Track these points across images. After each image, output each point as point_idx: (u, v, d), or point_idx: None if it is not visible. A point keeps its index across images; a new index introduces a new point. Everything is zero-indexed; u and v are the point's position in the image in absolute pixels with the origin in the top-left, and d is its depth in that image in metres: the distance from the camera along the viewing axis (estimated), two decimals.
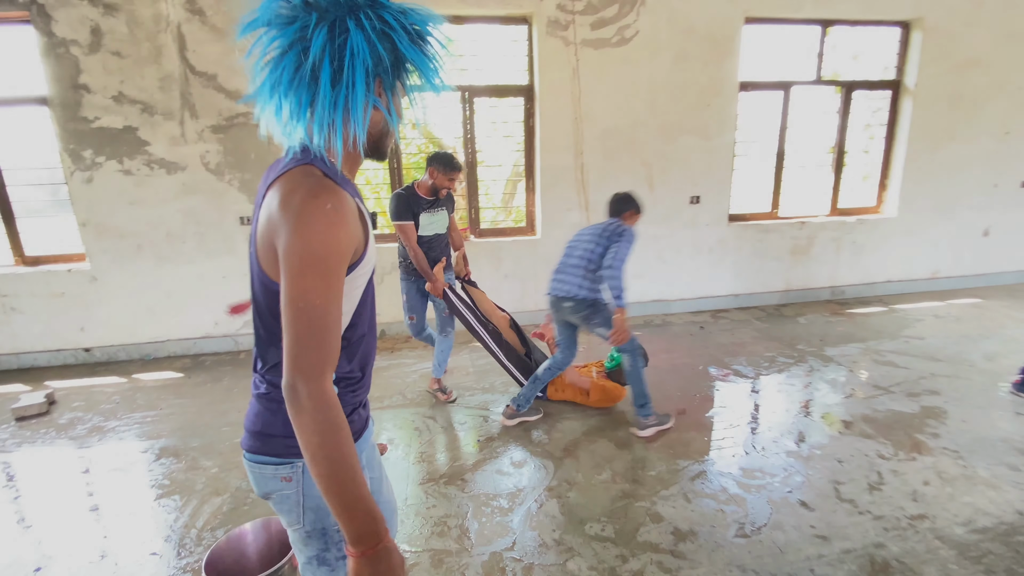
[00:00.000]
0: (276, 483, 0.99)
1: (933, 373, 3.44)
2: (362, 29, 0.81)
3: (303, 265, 0.80)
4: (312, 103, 0.84)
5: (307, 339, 0.81)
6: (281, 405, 0.92)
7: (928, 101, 4.83)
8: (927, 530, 2.05)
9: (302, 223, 0.80)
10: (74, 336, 4.10)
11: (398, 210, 2.89)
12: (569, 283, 2.81)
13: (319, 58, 0.81)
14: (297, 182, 0.85)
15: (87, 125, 3.75)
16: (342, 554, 1.02)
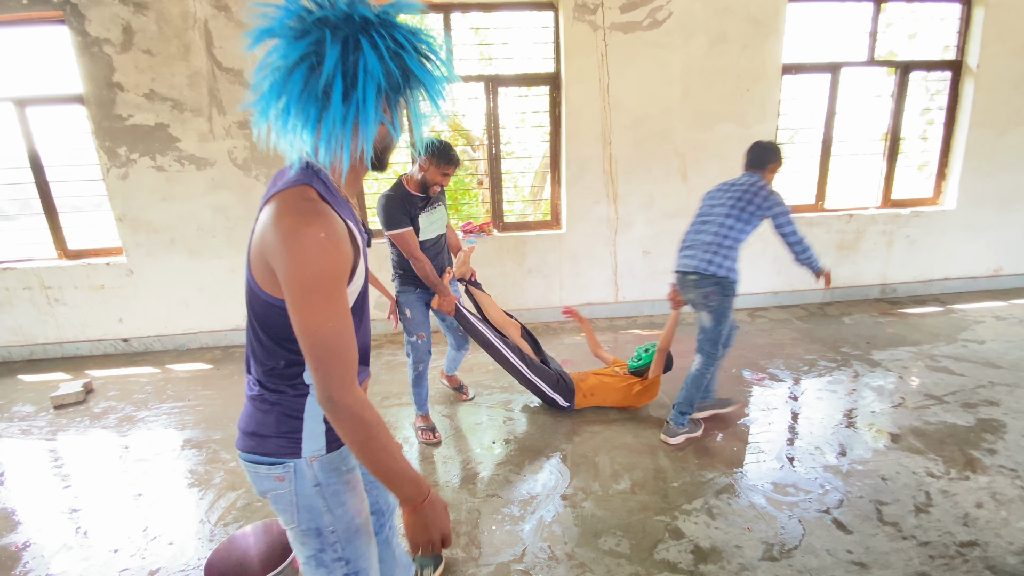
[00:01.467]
0: (271, 482, 1.03)
1: (992, 381, 3.15)
2: (375, 48, 0.83)
3: (306, 294, 0.85)
4: (320, 118, 0.85)
5: (329, 359, 0.87)
6: (273, 406, 1.01)
7: (992, 83, 4.41)
8: (977, 559, 1.85)
9: (298, 253, 0.84)
10: (113, 327, 4.25)
11: (392, 217, 2.42)
12: (700, 258, 2.53)
13: (332, 75, 0.82)
14: (291, 206, 0.87)
15: (121, 123, 3.85)
16: (337, 555, 1.06)
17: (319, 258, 0.85)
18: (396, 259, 2.65)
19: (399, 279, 2.69)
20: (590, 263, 4.53)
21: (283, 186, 0.91)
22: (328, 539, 1.05)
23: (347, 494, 1.07)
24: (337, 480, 1.06)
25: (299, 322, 0.87)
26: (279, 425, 1.00)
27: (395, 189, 2.51)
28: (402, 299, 2.69)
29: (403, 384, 3.49)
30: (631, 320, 4.59)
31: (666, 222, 4.48)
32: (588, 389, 2.98)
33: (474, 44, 4.52)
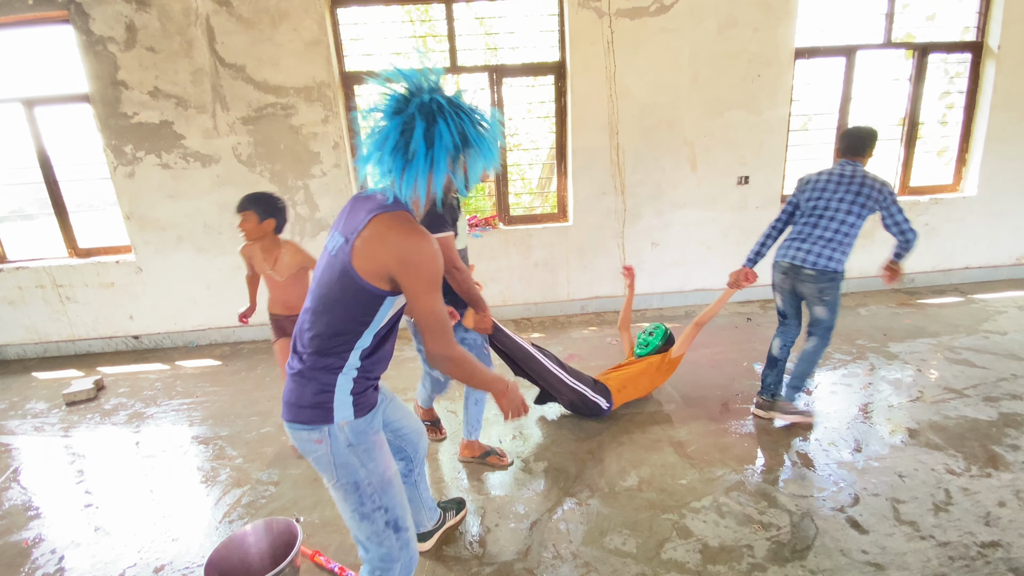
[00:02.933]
0: (311, 445, 1.26)
1: (1015, 374, 3.04)
2: (448, 126, 1.14)
3: (431, 288, 1.18)
4: (404, 169, 1.16)
5: (443, 330, 1.22)
6: (310, 381, 1.24)
7: (1014, 64, 4.24)
8: (999, 560, 1.78)
9: (425, 260, 1.16)
10: (124, 324, 4.29)
11: (438, 216, 1.95)
12: (818, 254, 2.47)
13: (418, 140, 1.13)
14: (412, 225, 1.18)
15: (127, 121, 3.85)
16: (376, 505, 1.30)
17: (435, 263, 1.18)
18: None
19: None
20: (597, 255, 4.47)
21: (388, 208, 1.19)
22: (366, 491, 1.28)
23: (376, 451, 1.30)
24: (367, 440, 1.28)
25: (425, 307, 1.19)
26: (314, 397, 1.23)
27: None
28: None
29: (408, 379, 3.47)
30: (640, 313, 4.52)
31: (675, 212, 4.39)
32: (618, 385, 2.82)
33: (479, 34, 4.46)
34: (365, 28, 4.06)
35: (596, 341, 3.97)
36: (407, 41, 5.53)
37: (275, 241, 2.48)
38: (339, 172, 4.07)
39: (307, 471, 2.53)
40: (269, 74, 3.83)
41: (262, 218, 2.38)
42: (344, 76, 4.04)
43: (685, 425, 2.72)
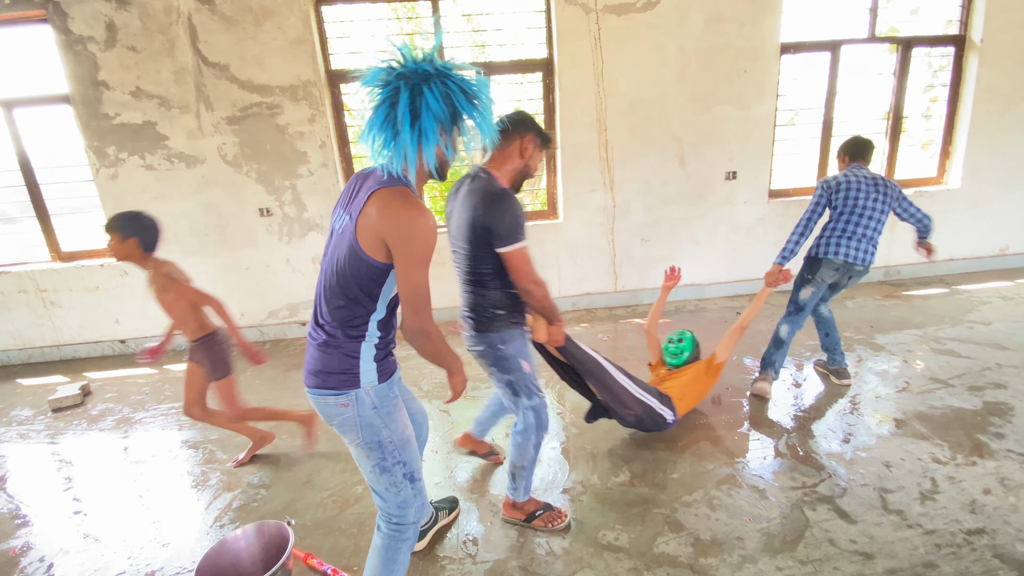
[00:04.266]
0: (337, 409, 1.35)
1: (999, 363, 3.09)
2: (432, 92, 1.19)
3: (419, 262, 1.24)
4: (395, 140, 1.22)
5: (425, 305, 1.28)
6: (336, 350, 1.33)
7: (997, 57, 4.30)
8: (985, 547, 1.81)
9: (418, 234, 1.21)
10: (110, 328, 4.24)
11: (521, 224, 1.67)
12: (865, 251, 2.74)
13: (403, 111, 1.19)
14: (409, 200, 1.23)
15: (108, 122, 3.80)
16: (396, 460, 1.41)
17: (428, 238, 1.23)
18: (498, 291, 1.80)
19: (494, 321, 1.83)
20: (588, 252, 4.47)
21: (386, 184, 1.24)
22: (387, 448, 1.39)
23: (397, 413, 1.42)
24: (389, 403, 1.40)
25: (409, 280, 1.24)
26: (341, 364, 1.33)
27: (496, 184, 1.73)
28: (511, 349, 1.86)
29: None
30: (631, 309, 4.54)
31: (664, 208, 4.41)
32: (678, 394, 2.59)
33: (466, 31, 4.43)
34: (351, 26, 4.02)
35: (587, 337, 3.97)
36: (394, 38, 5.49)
37: (149, 260, 2.27)
38: (327, 171, 4.04)
39: (298, 473, 2.51)
40: (254, 73, 3.79)
41: (124, 237, 2.18)
42: (330, 74, 4.00)
43: None
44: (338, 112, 4.07)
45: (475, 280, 1.81)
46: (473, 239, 1.72)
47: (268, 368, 3.80)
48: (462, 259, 1.82)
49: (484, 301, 1.82)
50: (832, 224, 2.78)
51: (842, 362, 3.02)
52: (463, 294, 1.89)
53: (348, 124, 4.17)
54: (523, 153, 1.80)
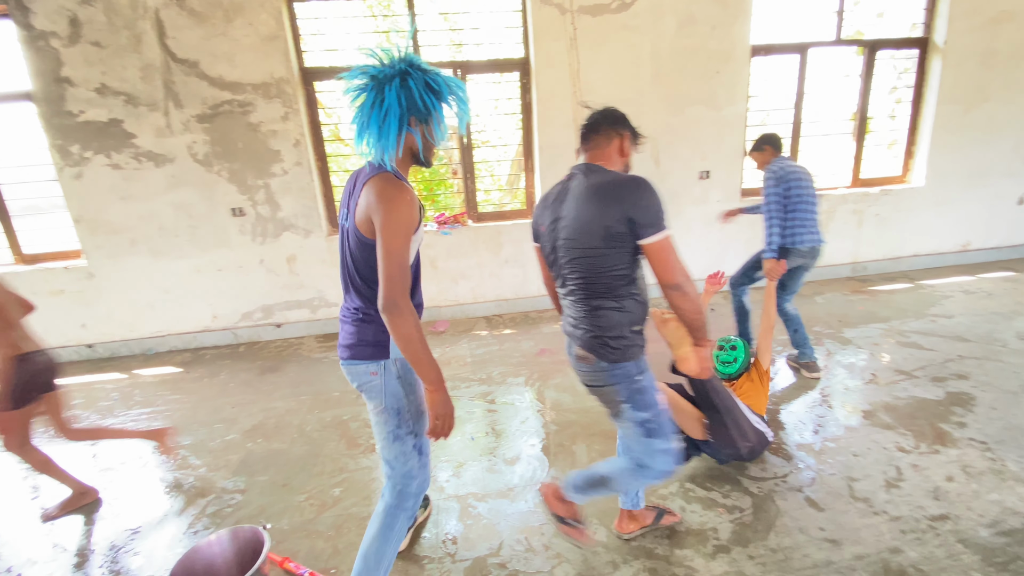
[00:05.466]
0: (367, 377, 1.50)
1: (961, 355, 3.21)
2: (402, 88, 1.34)
3: (396, 231, 1.31)
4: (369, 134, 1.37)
5: (398, 274, 1.32)
6: (368, 325, 1.48)
7: (959, 59, 4.46)
8: (949, 532, 1.88)
9: (395, 206, 1.32)
10: (76, 333, 4.11)
11: (664, 208, 1.46)
12: (819, 232, 2.96)
13: (370, 107, 1.36)
14: (388, 181, 1.35)
15: (72, 119, 3.68)
16: (409, 430, 1.53)
17: (403, 211, 1.32)
18: (632, 301, 1.52)
19: (631, 344, 1.53)
20: None
21: (371, 174, 1.38)
22: (404, 417, 1.52)
23: (417, 385, 1.54)
24: (412, 375, 1.52)
25: (385, 248, 1.31)
26: (375, 336, 1.47)
27: (623, 172, 1.61)
28: (648, 379, 1.57)
29: None
30: None
31: None
32: (759, 411, 2.39)
33: (443, 29, 4.42)
34: (325, 23, 3.97)
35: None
36: (369, 36, 5.44)
37: None
38: (301, 170, 3.98)
39: (275, 477, 2.48)
40: (224, 70, 3.72)
41: None
42: (304, 72, 3.95)
43: None
44: (312, 110, 4.02)
45: (604, 291, 1.51)
46: (607, 237, 1.45)
47: (242, 371, 3.73)
48: (586, 268, 1.51)
49: (620, 318, 1.51)
50: (791, 215, 2.88)
51: (811, 356, 3.10)
52: (582, 317, 1.55)
53: (323, 122, 4.12)
54: (623, 151, 1.64)
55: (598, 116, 1.64)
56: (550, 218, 1.59)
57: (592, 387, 1.61)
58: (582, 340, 1.56)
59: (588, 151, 1.62)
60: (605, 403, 1.62)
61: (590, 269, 1.51)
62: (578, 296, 1.56)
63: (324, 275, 4.24)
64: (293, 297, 4.26)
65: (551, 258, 1.62)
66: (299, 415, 3.05)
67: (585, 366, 1.58)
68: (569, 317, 1.63)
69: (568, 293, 1.59)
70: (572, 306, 1.59)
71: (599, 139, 1.61)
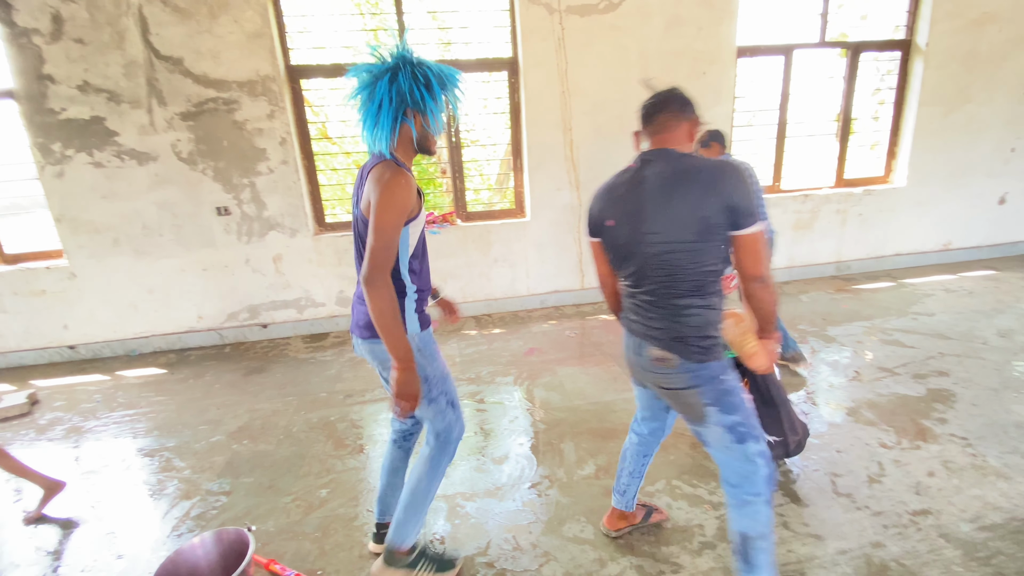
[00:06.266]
0: (386, 353, 1.56)
1: (942, 352, 3.26)
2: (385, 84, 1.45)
3: (387, 207, 1.41)
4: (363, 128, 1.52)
5: (382, 250, 1.41)
6: None
7: (940, 61, 4.54)
8: (930, 527, 1.91)
9: (388, 187, 1.42)
10: (57, 334, 4.04)
11: (751, 203, 1.37)
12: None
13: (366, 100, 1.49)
14: (386, 167, 1.46)
15: (54, 117, 3.62)
16: (440, 391, 1.66)
17: (396, 192, 1.42)
18: (717, 298, 1.46)
19: (716, 343, 1.45)
20: (555, 250, 4.51)
21: (374, 163, 1.50)
22: (432, 382, 1.64)
23: (437, 354, 1.68)
24: (430, 346, 1.66)
25: (375, 224, 1.41)
26: None
27: (712, 157, 1.55)
28: (732, 379, 1.48)
29: (367, 381, 3.41)
30: (597, 306, 4.60)
31: None
32: None
33: (431, 28, 4.41)
34: (312, 20, 3.95)
35: (556, 335, 4.01)
36: (357, 34, 5.41)
37: None
38: (287, 169, 3.95)
39: (260, 479, 2.46)
40: (209, 67, 3.67)
41: None
42: (290, 70, 3.92)
43: None
44: (299, 108, 3.99)
45: (693, 289, 1.39)
46: (703, 230, 1.34)
47: (228, 372, 3.70)
48: (674, 264, 1.38)
49: (708, 316, 1.41)
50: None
51: (795, 347, 3.15)
52: (664, 316, 1.43)
53: (309, 120, 4.09)
54: (692, 135, 1.50)
55: (666, 96, 1.48)
56: (624, 210, 1.44)
57: (670, 390, 1.49)
58: (662, 341, 1.43)
59: (655, 135, 1.47)
60: (684, 408, 1.49)
61: (679, 265, 1.38)
62: (660, 294, 1.43)
63: (311, 275, 4.21)
64: (279, 297, 4.22)
65: (622, 253, 1.48)
66: (286, 416, 3.02)
67: (663, 368, 1.45)
68: (641, 316, 1.49)
69: (645, 291, 1.46)
70: (649, 305, 1.46)
71: (668, 121, 1.45)
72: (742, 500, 1.48)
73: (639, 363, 1.54)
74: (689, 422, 1.52)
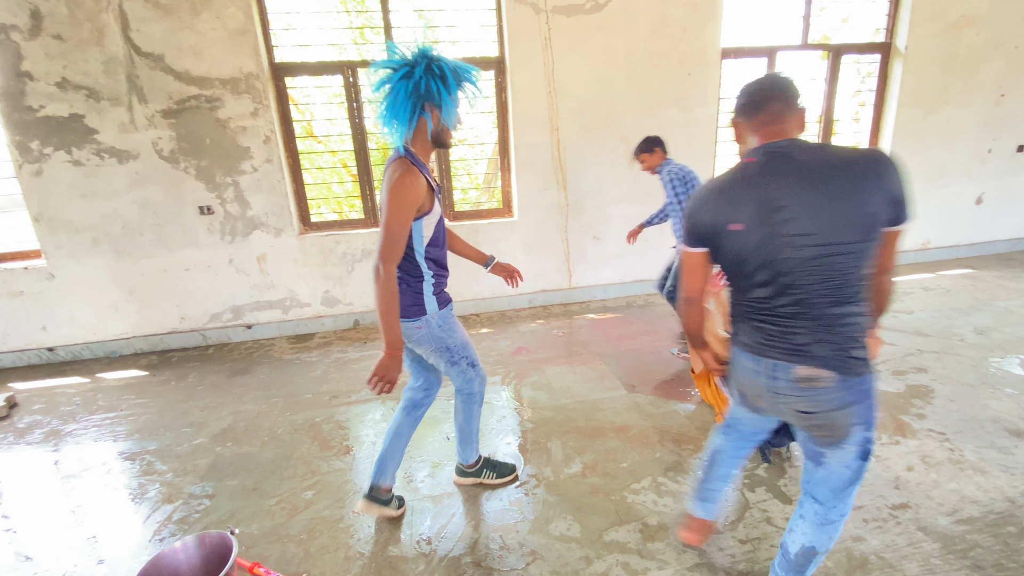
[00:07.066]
0: (414, 331, 1.82)
1: (920, 349, 3.32)
2: (403, 81, 1.59)
3: (394, 204, 1.60)
4: (383, 122, 1.66)
5: (389, 243, 1.61)
6: (408, 288, 1.79)
7: (919, 64, 4.62)
8: (909, 520, 1.94)
9: (396, 187, 1.60)
10: (36, 336, 3.96)
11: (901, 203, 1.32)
12: None
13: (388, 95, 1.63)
14: (398, 166, 1.63)
15: (32, 115, 3.54)
16: (461, 355, 1.95)
17: (403, 191, 1.60)
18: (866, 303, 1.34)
19: (864, 352, 1.29)
20: (543, 250, 4.52)
21: (393, 158, 1.67)
22: (453, 350, 1.91)
23: (455, 327, 1.92)
24: (448, 321, 1.89)
25: (382, 223, 1.62)
26: (413, 299, 1.79)
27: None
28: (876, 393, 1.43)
29: (352, 382, 3.39)
30: (584, 305, 4.61)
31: (615, 207, 4.50)
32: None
33: (418, 27, 4.39)
34: (297, 18, 3.91)
35: (543, 334, 4.02)
36: (343, 32, 5.37)
37: None
38: (271, 167, 3.91)
39: (244, 481, 2.43)
40: (191, 64, 3.62)
41: None
42: (274, 67, 3.87)
43: (627, 411, 2.81)
44: (283, 106, 3.95)
45: (852, 295, 1.24)
46: (869, 227, 1.19)
47: (211, 373, 3.65)
48: (831, 269, 1.21)
49: (864, 323, 1.26)
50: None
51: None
52: (819, 329, 1.25)
53: (294, 118, 4.05)
54: (803, 126, 1.36)
55: (775, 81, 1.32)
56: (756, 211, 1.24)
57: (818, 413, 1.28)
58: (815, 358, 1.25)
59: (768, 125, 1.30)
60: (824, 429, 1.30)
61: (837, 269, 1.20)
62: (811, 304, 1.24)
63: (296, 275, 4.17)
64: (264, 297, 4.18)
65: (753, 261, 1.27)
66: (270, 418, 2.99)
67: (811, 390, 1.26)
68: (779, 332, 1.29)
69: (788, 303, 1.26)
70: (793, 318, 1.26)
71: (783, 111, 1.29)
72: (827, 519, 1.40)
73: (773, 387, 1.32)
74: (816, 443, 1.34)
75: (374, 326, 4.41)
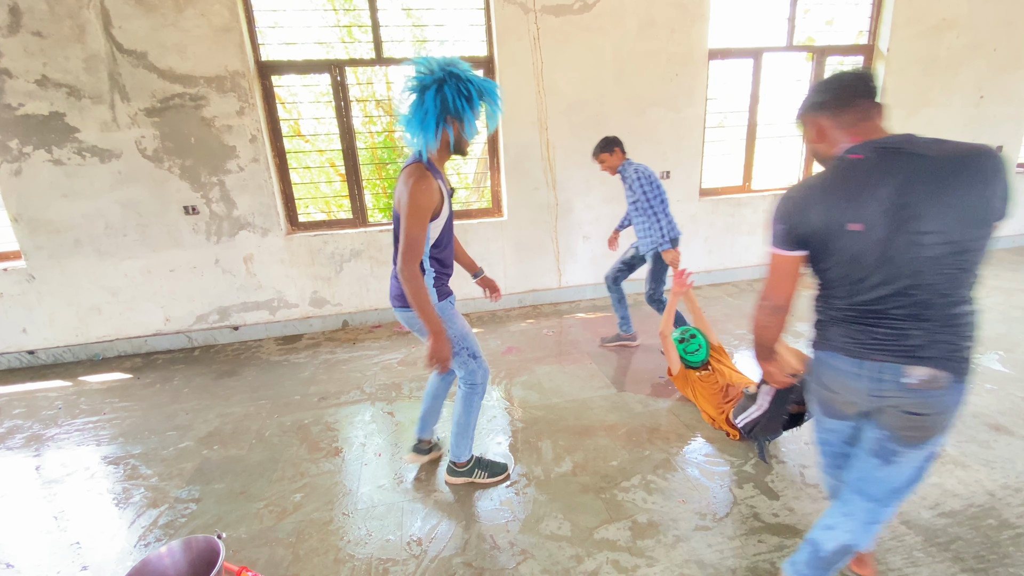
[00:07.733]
0: (416, 320, 1.94)
1: None
2: (431, 95, 1.72)
3: (412, 214, 1.75)
4: (407, 130, 1.79)
5: (410, 248, 1.77)
6: None
7: (901, 65, 4.70)
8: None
9: (412, 194, 1.74)
10: (16, 338, 3.88)
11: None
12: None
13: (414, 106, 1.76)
14: (414, 172, 1.76)
15: (11, 113, 3.47)
16: (463, 347, 2.06)
17: (419, 198, 1.74)
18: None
19: (972, 351, 1.30)
20: (532, 250, 4.52)
21: (409, 162, 1.81)
22: (453, 340, 2.01)
23: (456, 318, 2.05)
24: (448, 313, 2.02)
25: (404, 225, 1.76)
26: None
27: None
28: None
29: (341, 383, 3.37)
30: (574, 304, 4.63)
31: (604, 207, 4.52)
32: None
33: (406, 25, 4.37)
34: (283, 15, 3.87)
35: (533, 333, 4.02)
36: (330, 31, 5.33)
37: None
38: (258, 167, 3.87)
39: (232, 485, 2.40)
40: (175, 62, 3.57)
41: None
42: (261, 66, 3.83)
43: (617, 409, 2.83)
44: (270, 105, 3.91)
45: (966, 293, 1.22)
46: (991, 222, 1.16)
47: (197, 376, 3.60)
48: (953, 265, 1.18)
49: (975, 320, 1.25)
50: (665, 208, 3.10)
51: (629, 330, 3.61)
52: (934, 329, 1.22)
53: (281, 117, 4.02)
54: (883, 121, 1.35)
55: (859, 76, 1.31)
56: (877, 209, 1.19)
57: (927, 415, 1.25)
58: (932, 359, 1.22)
59: (860, 122, 1.28)
60: (924, 431, 1.27)
61: (961, 267, 1.18)
62: (932, 304, 1.21)
63: (283, 275, 4.13)
64: (251, 298, 4.13)
65: (869, 261, 1.22)
66: (258, 420, 2.96)
67: (927, 391, 1.23)
68: (890, 333, 1.25)
69: (905, 303, 1.22)
70: (909, 319, 1.23)
71: (871, 107, 1.28)
72: (876, 518, 1.38)
73: (876, 390, 1.28)
74: (898, 442, 1.31)
75: (364, 326, 4.39)
